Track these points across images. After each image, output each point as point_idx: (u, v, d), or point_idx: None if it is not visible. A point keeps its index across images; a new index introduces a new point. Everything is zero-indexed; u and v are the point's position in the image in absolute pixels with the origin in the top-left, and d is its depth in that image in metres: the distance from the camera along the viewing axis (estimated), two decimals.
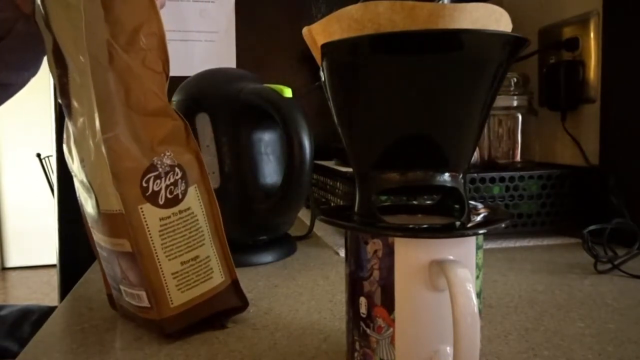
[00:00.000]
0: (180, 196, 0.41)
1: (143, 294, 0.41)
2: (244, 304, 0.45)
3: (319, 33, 0.32)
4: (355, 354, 0.33)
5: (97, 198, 0.41)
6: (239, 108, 0.61)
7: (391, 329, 0.30)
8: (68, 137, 0.45)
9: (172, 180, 0.41)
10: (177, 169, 0.41)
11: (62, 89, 0.42)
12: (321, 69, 0.32)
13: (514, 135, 0.79)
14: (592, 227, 0.62)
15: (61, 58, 0.41)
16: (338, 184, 0.81)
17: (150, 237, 0.40)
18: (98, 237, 0.44)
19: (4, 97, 0.63)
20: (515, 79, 0.78)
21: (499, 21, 0.30)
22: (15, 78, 0.61)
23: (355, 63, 0.30)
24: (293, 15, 1.22)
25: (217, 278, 0.43)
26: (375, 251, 0.30)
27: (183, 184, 0.41)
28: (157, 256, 0.40)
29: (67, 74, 0.41)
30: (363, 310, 0.31)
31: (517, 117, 0.79)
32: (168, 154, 0.41)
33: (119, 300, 0.46)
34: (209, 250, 0.43)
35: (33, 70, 0.62)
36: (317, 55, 0.33)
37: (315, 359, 0.38)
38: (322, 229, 0.82)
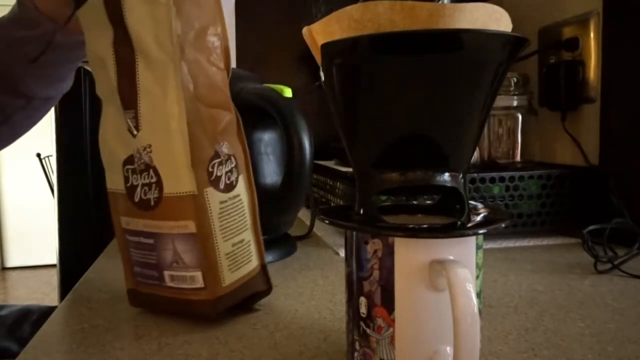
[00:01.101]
0: (234, 183, 0.45)
1: (198, 274, 0.43)
2: (269, 287, 0.48)
3: (319, 33, 0.32)
4: (355, 354, 0.33)
5: (164, 182, 0.43)
6: (239, 108, 0.61)
7: (391, 329, 0.30)
8: (115, 127, 0.46)
9: (229, 168, 0.45)
10: (232, 158, 0.45)
11: (123, 80, 0.44)
12: (321, 69, 0.32)
13: (514, 135, 0.79)
14: (592, 227, 0.62)
15: (127, 51, 0.43)
16: (338, 184, 0.81)
17: (212, 219, 0.43)
18: (142, 225, 0.45)
19: (44, 111, 0.64)
20: (515, 79, 0.78)
21: (499, 21, 0.30)
22: (53, 91, 0.61)
23: (355, 63, 0.30)
24: (293, 15, 1.22)
25: (254, 261, 0.47)
26: (375, 251, 0.30)
27: (235, 172, 0.45)
28: (215, 237, 0.43)
29: (133, 66, 0.43)
30: (363, 310, 0.31)
31: (517, 117, 0.79)
32: (225, 144, 0.45)
33: (152, 289, 0.46)
34: (250, 235, 0.47)
35: (69, 81, 0.62)
36: (317, 55, 0.33)
37: (315, 359, 0.38)
38: (322, 229, 0.82)
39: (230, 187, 0.45)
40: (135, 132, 0.43)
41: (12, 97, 0.58)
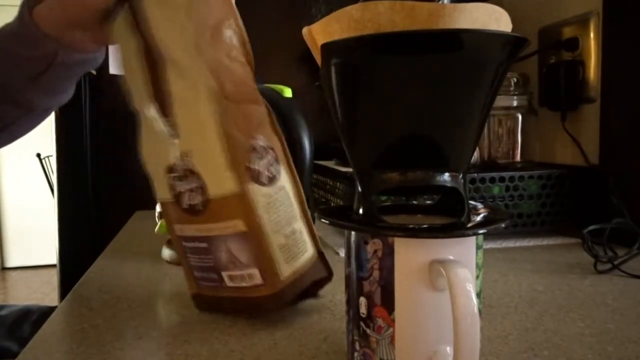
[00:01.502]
0: (276, 175, 0.44)
1: (255, 271, 0.43)
2: (329, 274, 0.47)
3: (319, 33, 0.32)
4: (355, 354, 0.33)
5: (207, 185, 0.43)
6: None
7: (391, 329, 0.30)
8: (154, 138, 0.46)
9: (269, 161, 0.44)
10: (270, 151, 0.44)
11: (157, 88, 0.44)
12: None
13: (514, 135, 0.79)
14: (592, 227, 0.62)
15: (155, 59, 0.43)
16: (338, 184, 0.81)
17: (259, 214, 0.42)
18: (195, 229, 0.45)
19: (44, 117, 0.65)
20: (515, 79, 0.78)
21: (499, 21, 0.30)
22: (55, 102, 0.62)
23: (355, 63, 0.30)
24: (293, 15, 1.22)
25: (310, 249, 0.46)
26: (375, 251, 0.30)
27: (276, 164, 0.45)
28: (266, 231, 0.43)
29: (164, 73, 0.43)
30: (363, 310, 0.31)
31: (517, 117, 0.79)
32: (261, 137, 0.44)
33: (216, 292, 0.47)
34: (300, 224, 0.46)
35: (70, 91, 0.63)
36: (317, 55, 0.33)
37: (315, 359, 0.38)
38: (322, 229, 0.82)
39: (272, 180, 0.44)
40: (174, 140, 0.44)
41: (12, 108, 0.58)
